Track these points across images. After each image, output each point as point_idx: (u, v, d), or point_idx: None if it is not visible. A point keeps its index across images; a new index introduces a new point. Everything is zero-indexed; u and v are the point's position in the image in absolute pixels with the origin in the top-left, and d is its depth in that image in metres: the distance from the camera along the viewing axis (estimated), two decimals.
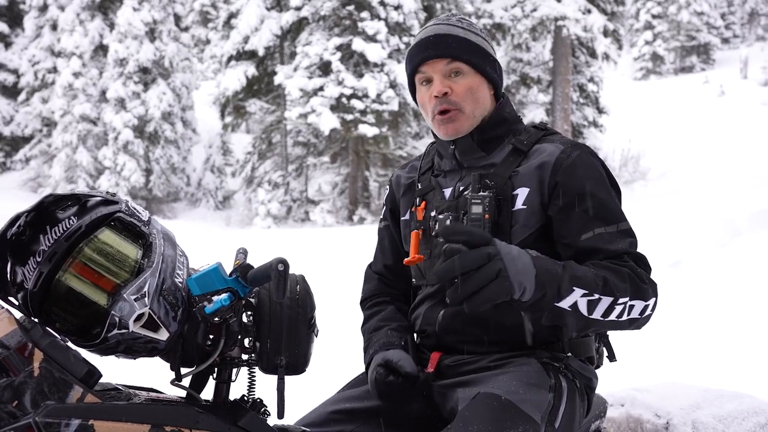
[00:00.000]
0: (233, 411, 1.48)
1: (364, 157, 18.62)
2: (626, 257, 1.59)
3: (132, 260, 1.39)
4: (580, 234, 1.62)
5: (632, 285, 1.52)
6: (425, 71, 1.75)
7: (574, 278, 1.46)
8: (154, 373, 1.83)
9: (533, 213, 1.66)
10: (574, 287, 1.45)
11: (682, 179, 17.75)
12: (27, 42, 24.02)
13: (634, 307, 1.52)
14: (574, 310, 1.46)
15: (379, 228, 2.02)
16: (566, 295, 1.44)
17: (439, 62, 1.73)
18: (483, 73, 1.76)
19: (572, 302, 1.45)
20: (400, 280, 1.94)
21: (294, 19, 18.25)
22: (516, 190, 1.68)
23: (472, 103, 1.74)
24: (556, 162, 1.66)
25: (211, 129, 23.40)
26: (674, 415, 2.01)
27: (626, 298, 1.50)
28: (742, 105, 26.49)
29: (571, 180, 1.65)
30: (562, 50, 18.49)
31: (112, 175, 20.48)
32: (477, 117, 1.75)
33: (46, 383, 1.27)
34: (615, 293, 1.49)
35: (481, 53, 1.76)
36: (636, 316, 1.54)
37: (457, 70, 1.73)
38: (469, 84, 1.74)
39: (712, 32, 40.89)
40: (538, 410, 1.52)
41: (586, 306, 1.47)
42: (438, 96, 1.73)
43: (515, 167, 1.71)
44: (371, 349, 1.78)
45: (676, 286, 6.63)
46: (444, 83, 1.73)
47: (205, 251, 4.54)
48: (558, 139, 1.74)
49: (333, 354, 3.93)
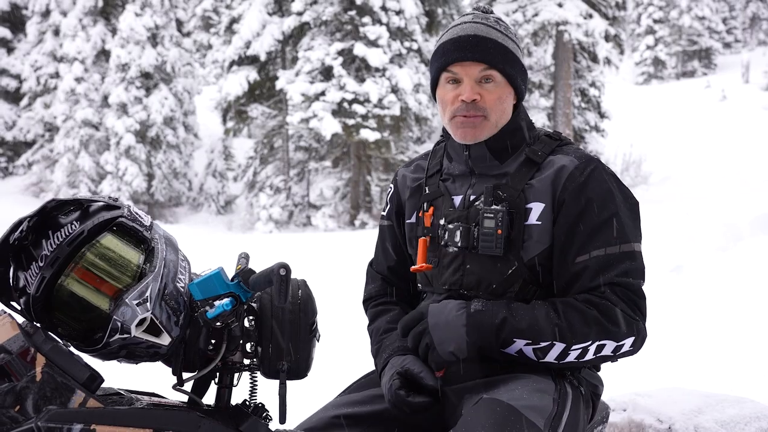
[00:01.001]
0: (235, 416, 1.48)
1: (365, 161, 18.63)
2: (609, 292, 1.57)
3: (134, 265, 1.39)
4: (577, 255, 1.61)
5: (597, 329, 1.55)
6: (456, 72, 1.69)
7: (513, 330, 1.55)
8: (156, 378, 1.83)
9: (547, 229, 1.65)
10: (514, 339, 1.56)
11: (684, 184, 17.74)
12: (29, 47, 24.06)
13: (605, 346, 1.57)
14: (522, 356, 1.58)
15: (381, 225, 1.97)
16: (509, 345, 1.57)
17: (473, 66, 1.68)
18: (513, 83, 1.72)
19: (517, 350, 1.57)
20: (404, 281, 1.91)
21: (296, 24, 18.27)
22: (530, 203, 1.66)
23: (498, 113, 1.70)
24: (569, 177, 1.64)
25: (213, 134, 23.41)
26: (676, 420, 2.01)
27: (585, 343, 1.55)
28: (743, 110, 26.47)
29: (579, 197, 1.62)
30: (563, 55, 18.50)
31: (114, 179, 20.48)
32: (499, 126, 1.72)
33: (48, 388, 1.27)
34: (570, 340, 1.54)
35: (515, 63, 1.72)
36: (608, 353, 1.58)
37: (489, 77, 1.68)
38: (499, 94, 1.70)
39: (713, 37, 40.88)
40: (541, 416, 1.52)
41: (533, 353, 1.56)
42: (466, 101, 1.68)
43: (528, 179, 1.68)
44: (384, 353, 1.74)
45: (678, 291, 6.62)
46: (475, 89, 1.68)
47: (206, 256, 4.55)
48: (572, 151, 1.71)
49: (335, 359, 3.92)
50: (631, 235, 1.62)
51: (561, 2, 17.78)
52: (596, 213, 1.62)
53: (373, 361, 1.82)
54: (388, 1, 17.46)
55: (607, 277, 1.58)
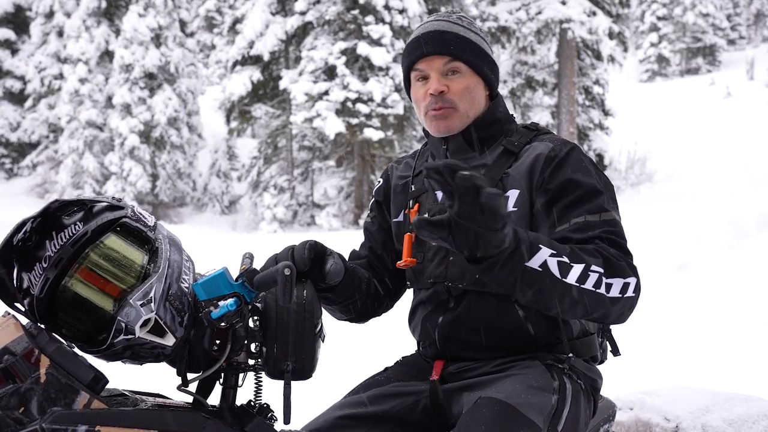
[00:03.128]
0: (240, 416, 1.47)
1: (369, 160, 18.63)
2: (598, 241, 1.54)
3: (138, 265, 1.39)
4: (556, 226, 1.59)
5: (604, 260, 1.47)
6: (422, 68, 1.73)
7: (537, 238, 1.42)
8: (161, 379, 1.83)
9: (524, 215, 1.65)
10: (540, 245, 1.41)
11: (689, 181, 17.70)
12: (33, 48, 24.15)
13: (612, 285, 1.46)
14: (545, 271, 1.40)
15: (366, 221, 1.98)
16: (534, 252, 1.40)
17: (437, 60, 1.71)
18: (480, 73, 1.74)
19: (542, 261, 1.40)
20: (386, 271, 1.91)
21: (299, 23, 18.28)
22: (507, 192, 1.67)
23: (468, 103, 1.72)
24: (546, 159, 1.65)
25: (217, 134, 23.45)
26: (684, 419, 2.00)
27: (599, 269, 1.45)
28: (748, 106, 26.41)
29: (557, 175, 1.63)
30: (567, 53, 18.47)
31: (119, 180, 20.54)
32: (470, 116, 1.74)
33: (52, 389, 1.27)
34: (586, 260, 1.45)
35: (480, 53, 1.74)
36: (616, 294, 1.47)
37: (454, 69, 1.71)
38: (466, 83, 1.72)
39: (717, 34, 40.80)
40: (540, 414, 1.51)
41: (557, 267, 1.42)
42: (434, 94, 1.70)
43: (506, 168, 1.70)
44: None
45: (684, 289, 6.60)
46: (441, 82, 1.71)
47: (211, 256, 4.54)
48: (548, 138, 1.72)
49: (340, 359, 3.92)
50: (609, 206, 1.60)
51: (564, 0, 17.75)
52: (574, 188, 1.61)
53: (376, 361, 1.81)
54: (391, 0, 17.46)
55: (590, 234, 1.55)
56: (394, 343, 2.78)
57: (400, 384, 1.74)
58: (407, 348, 1.96)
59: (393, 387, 1.73)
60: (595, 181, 1.64)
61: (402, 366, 1.85)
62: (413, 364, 1.83)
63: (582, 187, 1.61)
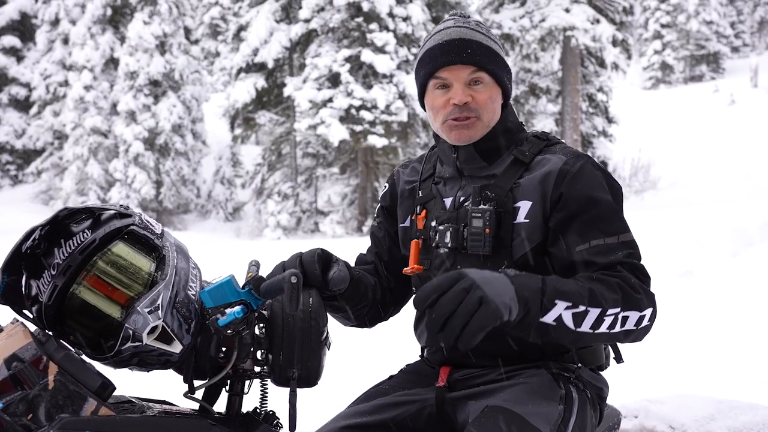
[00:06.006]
0: (246, 423, 1.48)
1: (373, 167, 18.64)
2: (620, 267, 1.55)
3: (145, 273, 1.40)
4: (576, 245, 1.59)
5: (624, 295, 1.48)
6: (445, 77, 1.70)
7: (555, 291, 1.42)
8: (167, 386, 1.83)
9: (536, 227, 1.64)
10: (556, 300, 1.41)
11: (693, 188, 17.68)
12: (39, 56, 24.25)
13: (628, 318, 1.48)
14: (559, 325, 1.42)
15: (372, 226, 1.98)
16: (549, 308, 1.40)
17: (462, 69, 1.69)
18: (501, 83, 1.73)
19: (556, 316, 1.41)
20: (392, 276, 1.91)
21: (303, 31, 18.33)
22: (518, 202, 1.66)
23: (490, 113, 1.72)
24: (559, 173, 1.64)
25: (221, 141, 23.49)
26: (688, 427, 2.00)
27: (616, 309, 1.46)
28: (752, 114, 26.37)
29: (573, 191, 1.62)
30: (570, 60, 18.49)
31: (123, 187, 20.58)
32: (490, 126, 1.73)
33: (60, 396, 1.28)
34: (603, 304, 1.45)
35: (501, 63, 1.73)
36: (631, 327, 1.49)
37: (478, 79, 1.69)
38: (489, 94, 1.71)
39: (721, 41, 40.76)
40: (546, 423, 1.51)
41: (571, 319, 1.43)
42: (458, 104, 1.68)
43: (516, 179, 1.69)
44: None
45: (688, 296, 6.58)
46: (465, 92, 1.68)
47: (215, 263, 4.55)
48: (560, 149, 1.71)
49: (345, 367, 3.92)
50: (624, 226, 1.62)
51: (568, 8, 17.78)
52: (591, 205, 1.61)
53: (381, 369, 1.81)
54: (395, 8, 17.50)
55: (613, 258, 1.56)
56: (399, 350, 2.78)
57: (404, 393, 1.74)
58: (412, 354, 1.97)
59: (397, 396, 1.73)
60: (610, 196, 1.64)
61: (406, 374, 1.84)
62: (417, 372, 1.83)
63: (598, 205, 1.61)
